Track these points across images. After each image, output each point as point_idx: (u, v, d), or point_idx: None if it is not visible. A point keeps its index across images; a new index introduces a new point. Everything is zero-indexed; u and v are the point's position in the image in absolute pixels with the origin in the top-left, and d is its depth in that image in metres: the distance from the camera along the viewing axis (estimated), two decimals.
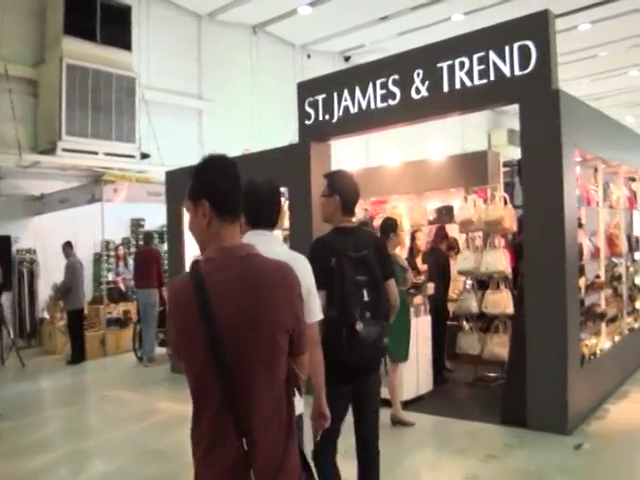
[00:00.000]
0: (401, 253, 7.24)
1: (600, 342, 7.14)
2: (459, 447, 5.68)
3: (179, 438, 6.50)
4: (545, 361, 5.84)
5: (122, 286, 12.02)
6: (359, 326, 3.06)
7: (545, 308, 5.85)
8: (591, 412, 6.36)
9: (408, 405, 6.70)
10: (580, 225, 6.78)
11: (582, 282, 6.68)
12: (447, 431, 6.23)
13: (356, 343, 3.11)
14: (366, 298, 3.28)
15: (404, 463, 5.45)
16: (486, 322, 7.58)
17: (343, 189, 3.64)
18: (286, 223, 8.01)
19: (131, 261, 12.56)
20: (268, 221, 3.03)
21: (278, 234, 8.87)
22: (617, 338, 7.60)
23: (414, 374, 6.96)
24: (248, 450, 1.89)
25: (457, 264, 7.79)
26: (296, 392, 2.15)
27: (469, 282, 7.98)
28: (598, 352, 6.85)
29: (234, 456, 1.90)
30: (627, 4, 11.08)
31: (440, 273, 7.85)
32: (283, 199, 8.43)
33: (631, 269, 8.80)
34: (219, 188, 2.10)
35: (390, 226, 6.22)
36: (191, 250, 9.34)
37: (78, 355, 10.28)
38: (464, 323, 7.82)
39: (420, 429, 6.21)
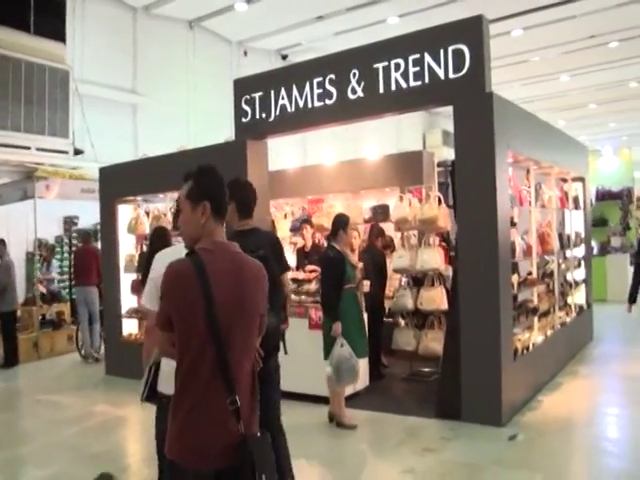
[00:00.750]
0: (352, 251, 7.27)
1: (533, 336, 7.37)
2: (396, 442, 5.76)
3: (116, 441, 6.43)
4: (479, 355, 5.99)
5: (43, 289, 11.48)
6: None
7: (479, 304, 6.00)
8: (525, 404, 6.57)
9: (345, 401, 6.77)
10: (513, 224, 6.97)
11: (515, 279, 6.89)
12: (384, 426, 6.31)
13: None
14: None
15: (342, 459, 5.51)
16: (421, 318, 7.71)
17: (239, 195, 4.18)
18: None
19: (56, 262, 12.44)
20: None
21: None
22: (549, 332, 7.86)
23: None
24: (238, 407, 2.42)
25: (393, 262, 7.89)
26: None
27: (404, 279, 8.10)
28: (531, 346, 7.07)
29: (227, 412, 2.41)
30: (558, 12, 11.44)
31: (376, 271, 7.93)
32: None
33: (562, 266, 9.11)
34: (219, 193, 2.75)
35: (340, 223, 6.22)
36: (126, 247, 9.22)
37: (11, 358, 9.97)
38: (400, 320, 7.93)
39: (359, 425, 6.27)
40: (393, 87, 6.53)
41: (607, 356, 9.02)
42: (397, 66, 6.49)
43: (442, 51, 6.21)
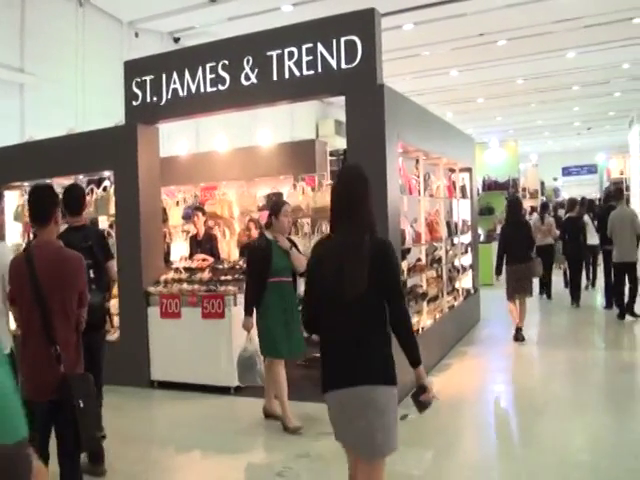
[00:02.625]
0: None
1: (422, 320, 7.63)
2: (292, 428, 5.83)
3: None
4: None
5: None
6: (88, 295, 3.93)
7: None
8: (414, 385, 6.78)
9: (242, 390, 6.78)
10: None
11: (405, 265, 7.10)
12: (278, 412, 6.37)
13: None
14: (92, 275, 4.63)
15: (238, 448, 5.50)
16: None
17: (66, 199, 4.90)
18: (112, 209, 7.76)
19: None
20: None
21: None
22: (438, 316, 8.18)
23: None
24: (59, 354, 3.52)
25: None
26: None
27: None
28: (420, 330, 7.31)
29: (52, 357, 3.51)
30: (449, 9, 11.79)
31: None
32: (109, 183, 8.15)
33: (450, 252, 9.46)
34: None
35: (272, 210, 5.86)
36: (13, 236, 8.81)
37: None
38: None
39: (255, 414, 6.29)
40: (287, 75, 6.55)
41: (493, 337, 9.49)
42: (291, 54, 6.51)
43: (335, 42, 6.28)
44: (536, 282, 12.78)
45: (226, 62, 6.89)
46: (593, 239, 11.85)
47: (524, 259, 8.90)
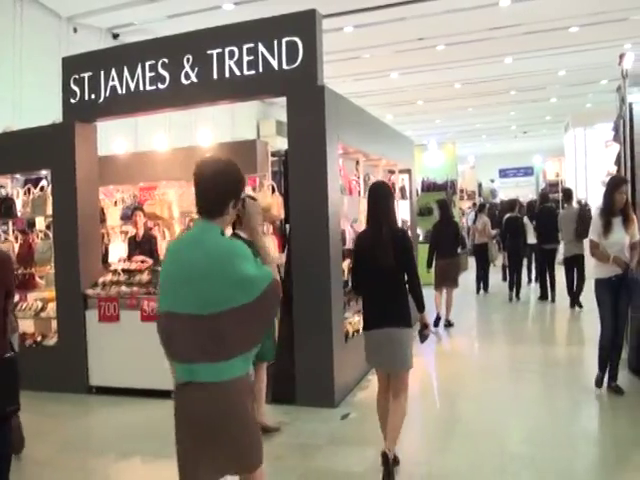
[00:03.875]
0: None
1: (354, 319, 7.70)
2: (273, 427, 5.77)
3: None
4: (312, 340, 6.19)
5: None
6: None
7: (311, 290, 6.20)
8: (356, 384, 6.88)
9: (168, 396, 6.70)
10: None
11: (345, 265, 7.16)
12: None
13: None
14: None
15: (173, 454, 5.44)
16: None
17: None
18: (49, 209, 7.58)
19: None
20: None
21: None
22: None
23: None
24: None
25: None
26: None
27: None
28: (361, 329, 7.38)
29: None
30: (389, 13, 11.91)
31: None
32: (46, 182, 7.95)
33: None
34: None
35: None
36: None
37: None
38: None
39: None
40: (227, 74, 6.52)
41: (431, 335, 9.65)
42: (231, 54, 6.48)
43: (276, 42, 6.29)
44: (472, 278, 13.44)
45: (166, 60, 6.80)
46: (532, 238, 12.53)
47: (451, 255, 10.08)
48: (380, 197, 4.70)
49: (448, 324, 10.03)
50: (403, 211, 10.59)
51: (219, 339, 2.76)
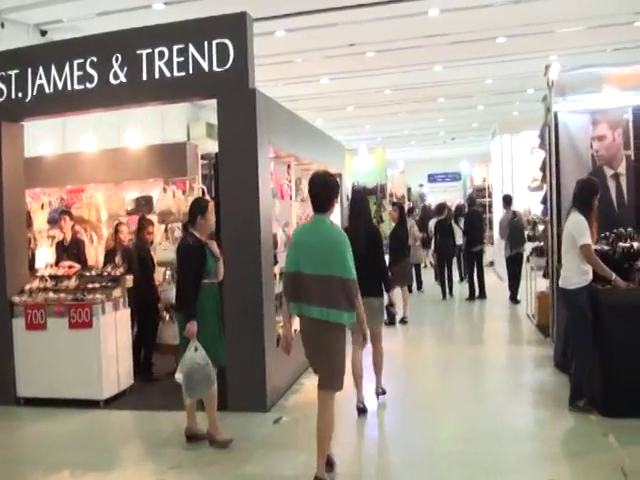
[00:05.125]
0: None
1: (295, 322, 7.69)
2: (164, 438, 5.71)
3: None
4: (244, 345, 6.16)
5: None
6: None
7: (242, 294, 6.17)
8: (288, 388, 6.89)
9: (112, 403, 6.56)
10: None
11: (277, 269, 7.15)
12: (151, 424, 6.22)
13: None
14: None
15: (109, 464, 5.30)
16: None
17: None
18: None
19: None
20: None
21: None
22: None
23: (114, 369, 6.78)
24: None
25: (157, 255, 7.79)
26: None
27: (169, 273, 8.00)
28: (293, 332, 7.38)
29: None
30: (320, 18, 11.95)
31: (144, 265, 7.71)
32: None
33: None
34: None
35: (198, 208, 5.51)
36: None
37: None
38: (164, 314, 7.84)
39: (126, 427, 6.12)
40: (157, 75, 6.41)
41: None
42: (161, 54, 6.37)
43: (207, 44, 6.23)
44: None
45: (94, 59, 6.61)
46: (460, 240, 13.36)
47: (404, 255, 10.70)
48: (357, 202, 6.36)
49: (402, 321, 10.61)
50: (334, 215, 10.63)
51: (324, 293, 4.40)
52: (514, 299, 12.08)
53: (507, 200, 12.89)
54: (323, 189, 4.63)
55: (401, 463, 5.12)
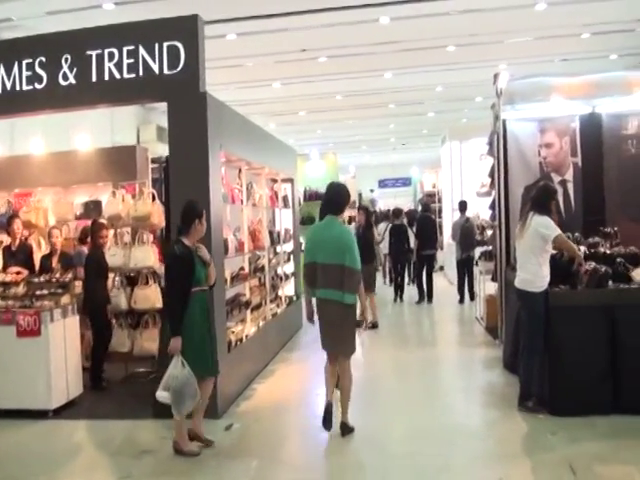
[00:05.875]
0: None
1: (246, 328, 7.68)
2: (113, 448, 5.59)
3: None
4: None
5: None
6: None
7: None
8: (240, 394, 6.83)
9: (61, 413, 6.39)
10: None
11: (227, 274, 7.11)
12: (101, 433, 6.06)
13: None
14: None
15: (58, 475, 5.16)
16: (135, 318, 7.58)
17: None
18: None
19: None
20: None
21: None
22: (262, 323, 8.26)
23: (63, 378, 6.58)
24: None
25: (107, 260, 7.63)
26: None
27: (118, 279, 7.85)
28: (244, 337, 7.35)
29: None
30: (271, 23, 11.92)
31: (100, 270, 7.52)
32: None
33: (273, 261, 9.63)
34: None
35: (194, 212, 5.30)
36: None
37: None
38: (113, 320, 7.69)
39: (75, 437, 5.98)
40: (107, 77, 6.30)
41: (314, 341, 9.63)
42: (111, 55, 6.27)
43: (157, 46, 6.17)
44: None
45: (43, 59, 6.45)
46: (413, 244, 13.56)
47: (370, 260, 10.25)
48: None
49: (373, 326, 10.35)
50: (286, 220, 10.66)
51: (338, 277, 5.38)
52: (471, 297, 12.51)
53: (462, 206, 13.32)
54: (337, 195, 5.76)
55: (353, 463, 5.14)
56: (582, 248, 6.45)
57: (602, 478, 4.66)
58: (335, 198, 5.74)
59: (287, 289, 10.44)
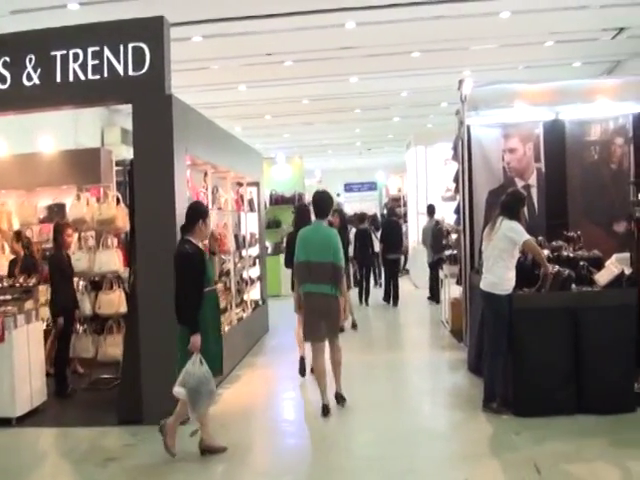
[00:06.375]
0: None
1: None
2: (78, 456, 5.50)
3: None
4: (159, 356, 6.00)
5: None
6: None
7: (158, 305, 6.00)
8: None
9: (23, 421, 6.25)
10: None
11: None
12: (66, 441, 5.96)
13: None
14: None
15: None
16: (100, 323, 7.47)
17: None
18: None
19: None
20: None
21: None
22: (227, 328, 8.20)
23: (27, 385, 6.43)
24: None
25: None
26: None
27: (82, 283, 7.72)
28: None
29: None
30: (236, 26, 11.89)
31: (66, 276, 7.36)
32: None
33: (239, 265, 9.59)
34: None
35: (199, 213, 5.37)
36: None
37: None
38: (78, 326, 7.56)
39: (40, 444, 5.87)
40: (71, 78, 6.20)
41: (281, 346, 9.74)
42: (76, 56, 6.18)
43: (122, 47, 6.10)
44: None
45: (7, 59, 6.33)
46: (377, 247, 13.81)
47: None
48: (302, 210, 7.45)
49: (354, 326, 10.66)
50: (251, 224, 10.62)
51: (328, 274, 6.17)
52: (436, 300, 12.72)
53: (430, 209, 13.66)
54: (322, 202, 6.56)
55: (320, 467, 5.13)
56: (546, 252, 6.55)
57: (566, 476, 4.73)
58: (320, 204, 6.53)
59: (253, 293, 10.40)
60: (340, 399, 6.48)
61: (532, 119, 8.33)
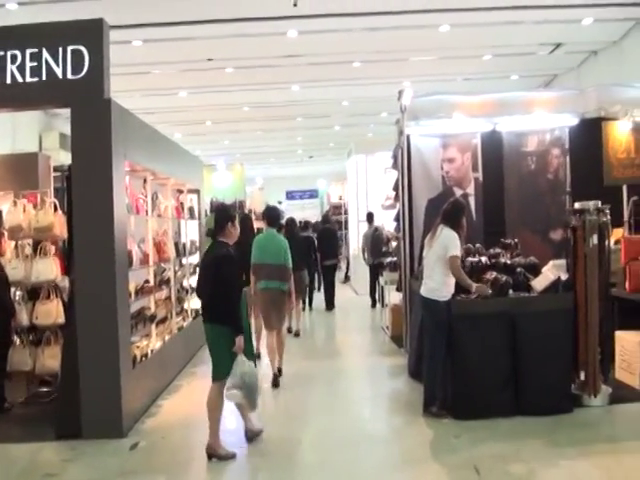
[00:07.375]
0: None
1: (151, 343, 7.50)
2: (16, 472, 5.28)
3: None
4: (97, 368, 5.87)
5: None
6: None
7: (96, 314, 5.89)
8: (145, 410, 6.64)
9: None
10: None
11: (132, 287, 6.91)
12: (2, 457, 5.67)
13: None
14: None
15: None
16: (37, 334, 7.23)
17: None
18: None
19: None
20: None
21: None
22: (167, 337, 8.09)
23: None
24: None
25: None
26: None
27: (19, 293, 7.46)
28: (149, 352, 7.17)
29: None
30: (177, 31, 11.78)
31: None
32: None
33: (179, 273, 9.46)
34: None
35: (227, 216, 5.55)
36: None
37: None
38: (15, 338, 7.29)
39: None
40: (9, 80, 5.98)
41: None
42: (14, 58, 5.95)
43: (61, 49, 5.93)
44: None
45: None
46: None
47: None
48: (245, 219, 8.66)
49: (296, 334, 10.90)
50: (192, 232, 10.52)
51: (281, 273, 7.61)
52: (373, 301, 13.27)
53: (370, 217, 14.13)
54: (274, 213, 8.13)
55: (263, 475, 5.10)
56: (483, 259, 6.71)
57: (505, 476, 4.83)
58: (272, 215, 8.04)
59: (193, 302, 10.26)
60: (280, 372, 7.76)
61: (470, 130, 8.53)
